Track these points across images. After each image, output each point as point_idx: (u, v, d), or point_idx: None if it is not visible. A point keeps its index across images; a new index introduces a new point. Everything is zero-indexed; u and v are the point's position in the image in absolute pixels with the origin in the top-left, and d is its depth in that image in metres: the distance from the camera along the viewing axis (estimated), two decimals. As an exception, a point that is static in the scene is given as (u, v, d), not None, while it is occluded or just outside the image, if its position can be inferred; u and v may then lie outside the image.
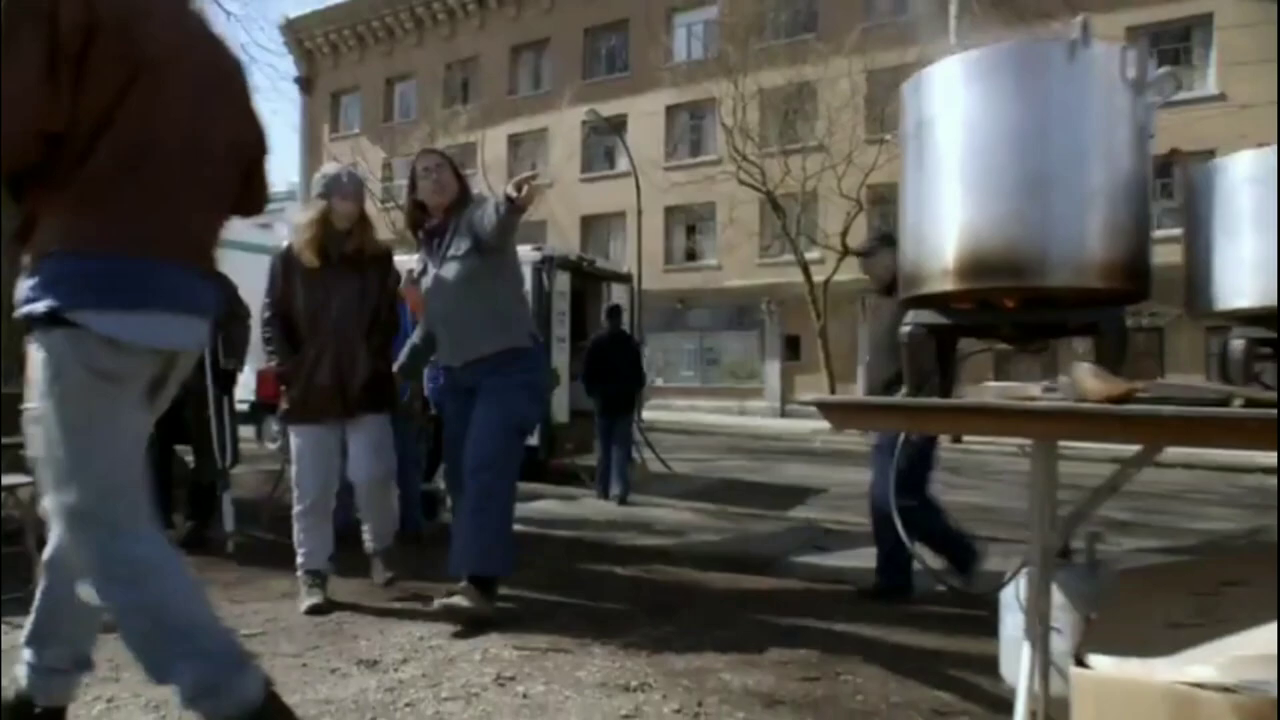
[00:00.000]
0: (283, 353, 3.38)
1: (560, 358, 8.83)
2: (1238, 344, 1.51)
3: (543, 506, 6.37)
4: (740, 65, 20.82)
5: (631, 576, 3.95)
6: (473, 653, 2.64)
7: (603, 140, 25.97)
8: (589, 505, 6.75)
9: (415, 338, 3.62)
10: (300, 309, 3.36)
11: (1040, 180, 1.51)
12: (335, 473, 3.40)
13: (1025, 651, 1.52)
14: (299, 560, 3.30)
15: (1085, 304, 1.55)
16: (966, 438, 1.91)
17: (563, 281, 8.97)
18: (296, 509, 3.33)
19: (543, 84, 28.63)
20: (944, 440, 3.70)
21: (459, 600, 2.93)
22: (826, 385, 19.52)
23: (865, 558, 3.91)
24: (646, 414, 9.42)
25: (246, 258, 6.83)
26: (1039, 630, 1.52)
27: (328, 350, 3.32)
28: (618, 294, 9.99)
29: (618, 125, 23.83)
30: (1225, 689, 1.29)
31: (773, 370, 23.36)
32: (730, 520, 6.04)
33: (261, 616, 3.04)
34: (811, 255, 20.20)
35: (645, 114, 25.38)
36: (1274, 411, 1.32)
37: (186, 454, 4.61)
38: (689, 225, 25.61)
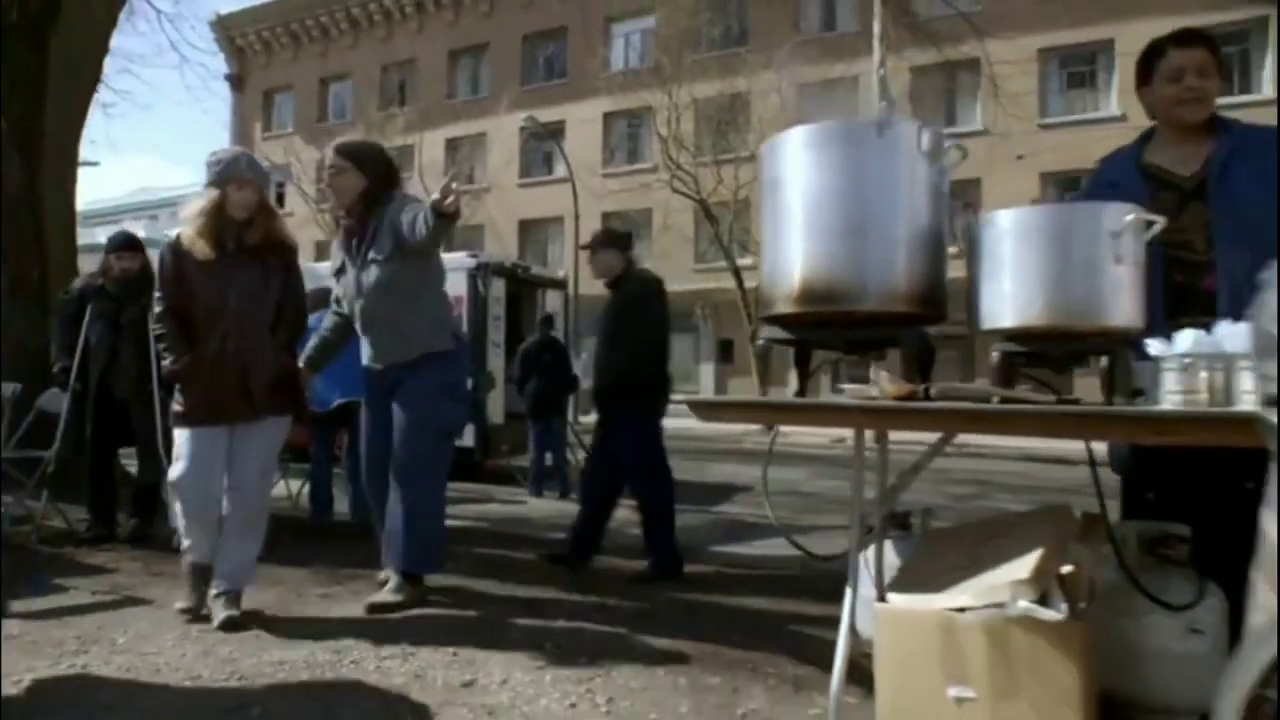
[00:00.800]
0: (178, 350, 3.09)
1: (495, 362, 9.15)
2: (995, 355, 1.97)
3: (478, 504, 6.70)
4: (675, 76, 21.37)
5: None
6: (408, 624, 2.99)
7: (541, 146, 26.27)
8: (522, 503, 7.11)
9: (325, 330, 3.56)
10: (197, 304, 3.07)
11: (859, 228, 1.94)
12: (221, 481, 3.13)
13: (847, 596, 1.95)
14: (190, 558, 3.11)
15: (893, 324, 1.99)
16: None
17: (498, 287, 9.30)
18: (184, 523, 3.10)
19: (481, 89, 28.76)
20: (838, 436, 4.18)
21: (389, 596, 3.20)
22: (758, 387, 20.15)
23: (779, 546, 4.33)
24: (585, 416, 9.77)
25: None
26: (855, 581, 1.95)
27: (229, 347, 3.05)
28: (553, 299, 10.33)
29: (555, 131, 24.15)
30: (974, 610, 1.74)
31: (707, 373, 23.99)
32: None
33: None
34: (744, 261, 20.86)
35: (583, 121, 25.77)
36: (1018, 405, 1.78)
37: (129, 456, 4.80)
38: (626, 231, 26.07)
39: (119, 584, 3.57)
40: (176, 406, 3.13)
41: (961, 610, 1.76)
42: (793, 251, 2.00)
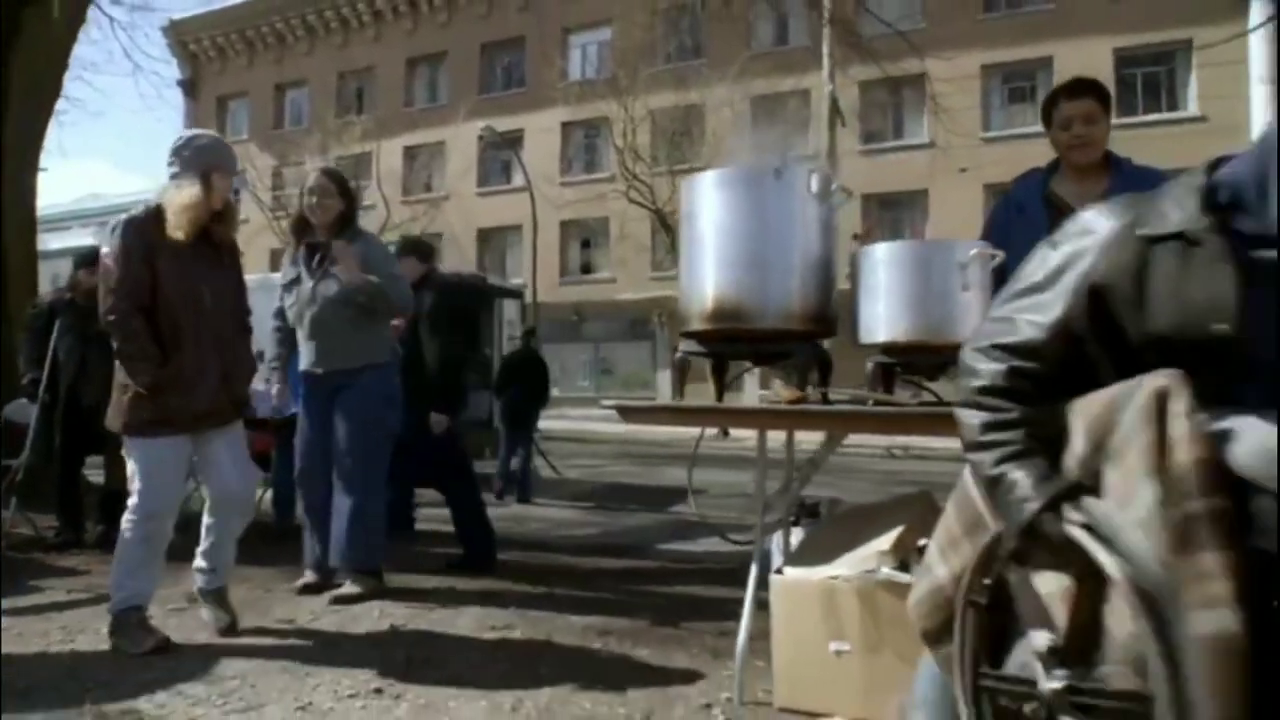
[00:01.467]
0: (150, 354, 2.79)
1: (453, 369, 9.39)
2: (869, 365, 2.34)
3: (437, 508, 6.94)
4: (630, 88, 21.77)
5: (511, 559, 4.60)
6: (370, 610, 3.28)
7: (499, 154, 26.46)
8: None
9: (279, 345, 3.78)
10: (166, 300, 2.83)
11: (760, 258, 2.30)
12: (184, 490, 3.03)
13: (752, 572, 2.30)
14: (121, 596, 2.82)
15: (789, 339, 2.35)
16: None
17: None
18: (132, 535, 2.85)
19: (439, 97, 28.87)
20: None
21: (351, 589, 3.44)
22: (714, 393, 20.60)
23: (722, 544, 4.65)
24: (543, 423, 10.05)
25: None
26: (759, 560, 2.30)
27: (208, 348, 2.88)
28: (509, 308, 10.62)
29: (514, 140, 24.40)
30: (849, 578, 2.10)
31: (664, 380, 24.26)
32: (607, 516, 6.77)
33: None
34: (699, 270, 21.30)
35: (541, 130, 26.03)
36: (884, 409, 2.15)
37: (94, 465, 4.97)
38: (584, 239, 26.40)
39: (93, 584, 3.77)
40: (137, 413, 2.81)
41: (838, 578, 2.11)
42: (705, 277, 2.35)
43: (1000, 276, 2.12)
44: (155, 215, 2.84)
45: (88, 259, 4.76)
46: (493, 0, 27.63)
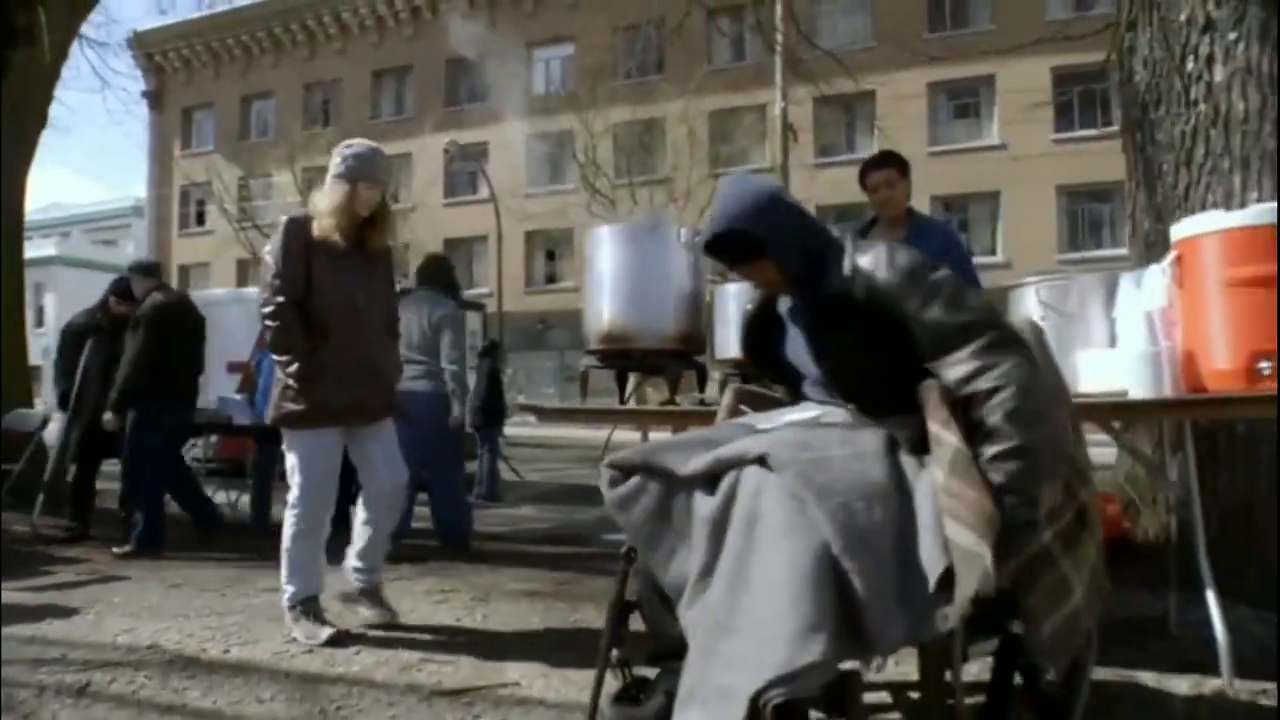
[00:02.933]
0: (299, 345, 2.94)
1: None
2: (718, 375, 3.05)
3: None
4: (590, 103, 22.48)
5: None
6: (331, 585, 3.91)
7: (465, 166, 27.00)
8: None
9: None
10: (320, 298, 2.96)
11: (642, 292, 2.99)
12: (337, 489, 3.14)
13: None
14: (292, 591, 3.01)
15: (663, 356, 3.04)
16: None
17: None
18: (294, 529, 3.00)
19: (405, 109, 29.36)
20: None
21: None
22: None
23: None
24: (510, 430, 10.58)
25: (89, 275, 7.40)
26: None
27: (360, 346, 3.01)
28: (472, 320, 11.20)
29: (478, 153, 24.97)
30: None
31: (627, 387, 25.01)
32: (561, 513, 7.41)
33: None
34: (660, 279, 22.04)
35: (506, 144, 26.63)
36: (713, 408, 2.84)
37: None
38: (548, 250, 27.04)
39: (98, 569, 4.36)
40: (292, 406, 2.95)
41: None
42: (601, 307, 3.05)
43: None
44: (310, 219, 3.03)
45: (120, 287, 5.29)
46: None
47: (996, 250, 22.83)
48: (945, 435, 1.51)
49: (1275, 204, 2.32)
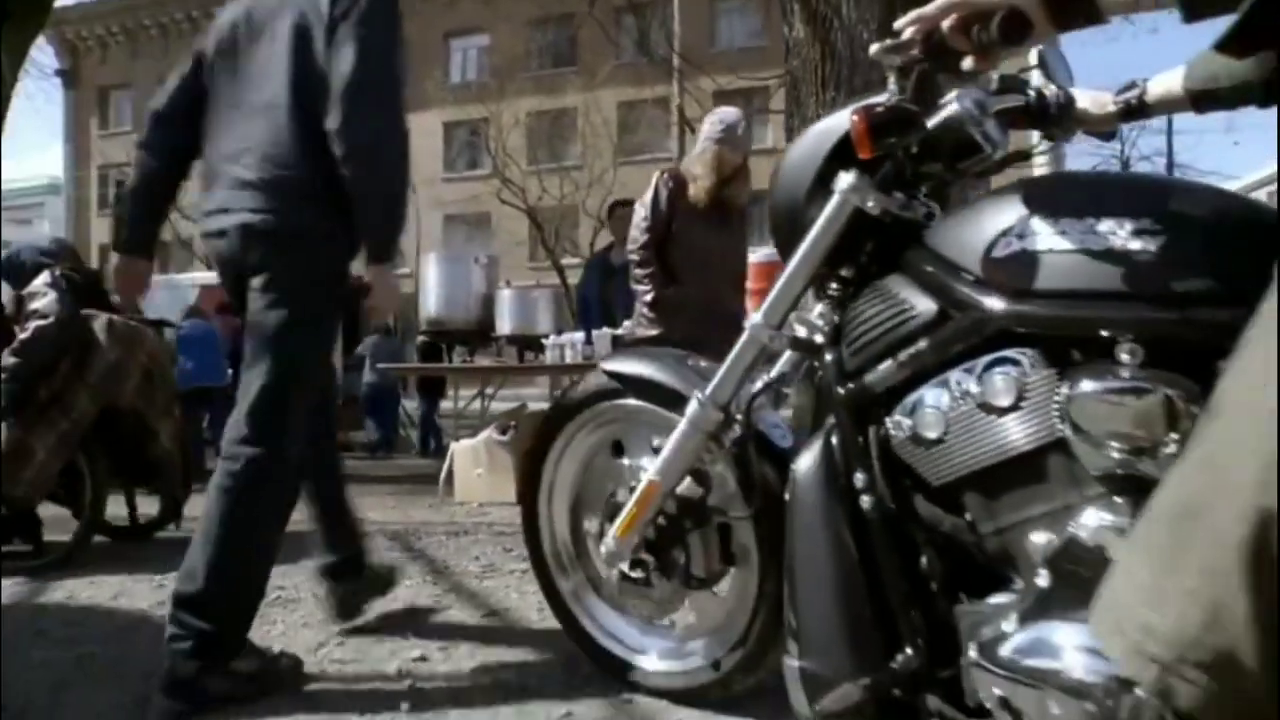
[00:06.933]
0: (658, 278, 3.33)
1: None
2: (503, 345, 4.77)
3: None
4: (501, 93, 23.75)
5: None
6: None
7: (385, 151, 27.76)
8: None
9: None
10: (678, 248, 3.34)
11: (451, 294, 4.69)
12: None
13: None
14: None
15: (469, 337, 4.75)
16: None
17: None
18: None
19: (325, 95, 29.85)
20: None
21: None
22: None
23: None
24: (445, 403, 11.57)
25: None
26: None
27: (710, 293, 3.30)
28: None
29: (398, 139, 25.83)
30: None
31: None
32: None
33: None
34: (569, 261, 23.49)
35: (424, 130, 27.62)
36: (509, 367, 4.58)
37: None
38: (467, 234, 28.32)
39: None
40: (651, 331, 3.31)
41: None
42: (430, 303, 4.74)
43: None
44: (680, 178, 3.43)
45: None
46: (377, 3, 28.85)
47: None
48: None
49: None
